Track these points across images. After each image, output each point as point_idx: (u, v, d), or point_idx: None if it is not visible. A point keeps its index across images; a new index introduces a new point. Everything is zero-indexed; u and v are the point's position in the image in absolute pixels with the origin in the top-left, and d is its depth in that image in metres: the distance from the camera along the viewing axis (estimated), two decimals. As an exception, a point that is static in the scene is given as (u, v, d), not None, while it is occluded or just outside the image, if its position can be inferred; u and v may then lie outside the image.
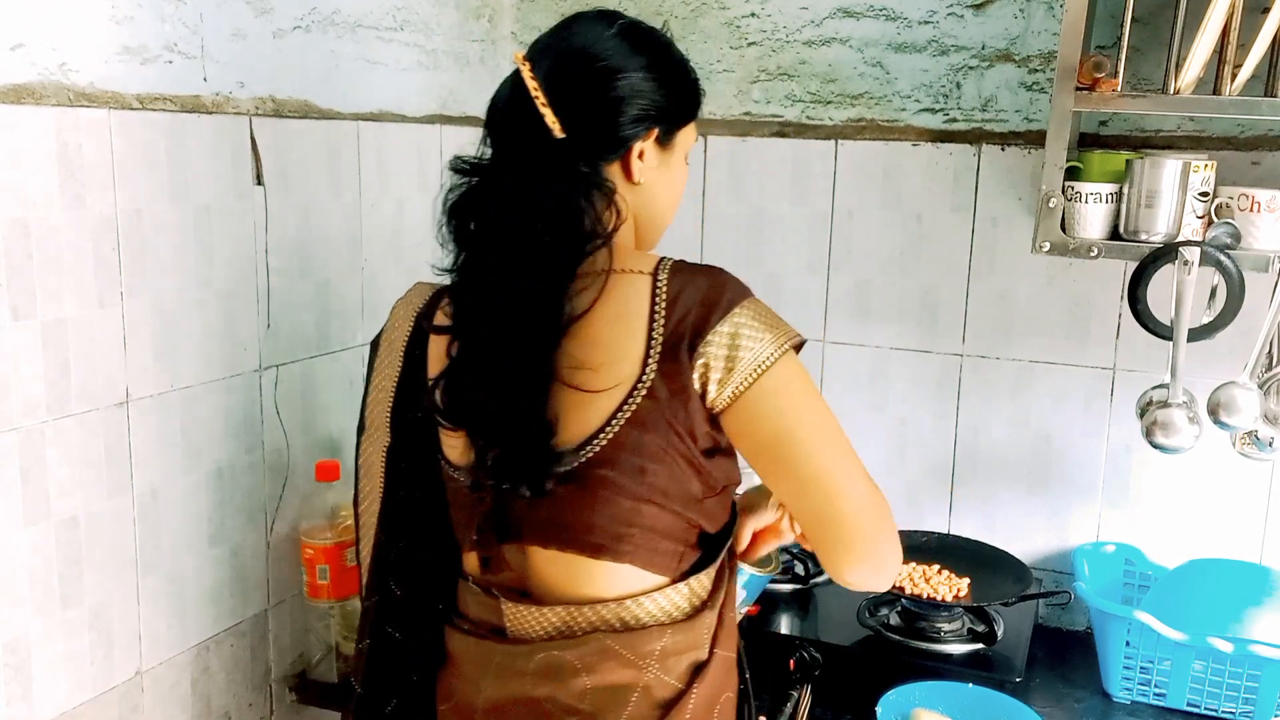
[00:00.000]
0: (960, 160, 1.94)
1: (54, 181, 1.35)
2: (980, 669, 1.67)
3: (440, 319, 1.26)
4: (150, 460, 1.53)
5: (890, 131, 1.98)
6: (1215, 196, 1.67)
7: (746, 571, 1.38)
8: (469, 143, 1.25)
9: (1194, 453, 1.66)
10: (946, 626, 1.76)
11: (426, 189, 2.01)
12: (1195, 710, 1.66)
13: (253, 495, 1.72)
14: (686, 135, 1.27)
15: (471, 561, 1.28)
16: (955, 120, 1.94)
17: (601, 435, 1.14)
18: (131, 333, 1.48)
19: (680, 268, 1.18)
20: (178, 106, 1.51)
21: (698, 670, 1.20)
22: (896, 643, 1.73)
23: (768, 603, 1.86)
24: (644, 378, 1.13)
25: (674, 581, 1.21)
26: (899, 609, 1.81)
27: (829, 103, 2.02)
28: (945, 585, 1.79)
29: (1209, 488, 1.85)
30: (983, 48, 1.91)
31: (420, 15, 1.98)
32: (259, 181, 1.66)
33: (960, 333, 1.98)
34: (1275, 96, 1.54)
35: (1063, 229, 1.68)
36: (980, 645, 1.73)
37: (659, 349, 1.13)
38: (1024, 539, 1.98)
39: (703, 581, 1.22)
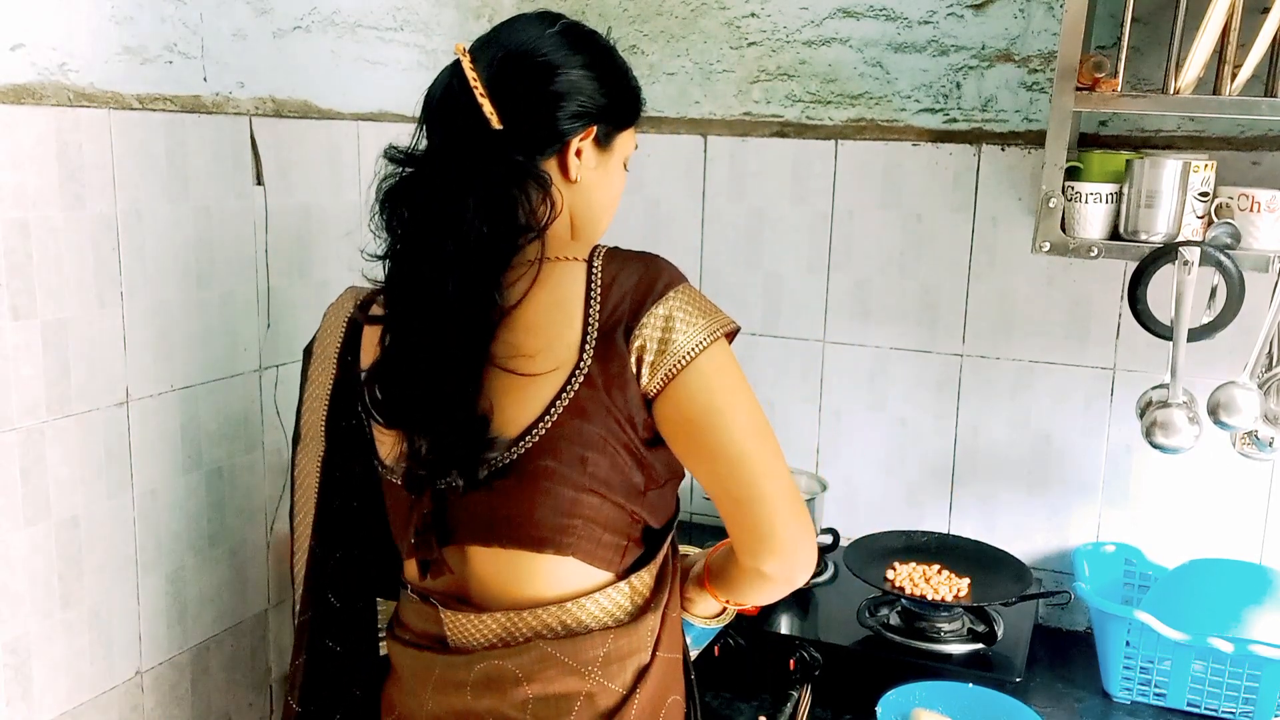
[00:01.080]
0: (960, 160, 1.94)
1: (54, 181, 1.35)
2: (980, 669, 1.67)
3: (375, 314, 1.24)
4: (150, 460, 1.53)
5: (890, 131, 1.98)
6: (1215, 196, 1.67)
7: (695, 623, 1.36)
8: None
9: (1194, 453, 1.66)
10: (946, 626, 1.75)
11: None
12: (1195, 710, 1.66)
13: (252, 495, 1.72)
14: (626, 141, 1.27)
15: (411, 569, 1.26)
16: (955, 120, 1.94)
17: (541, 424, 1.13)
18: (131, 333, 1.48)
19: (615, 254, 1.17)
20: (178, 106, 1.51)
21: (641, 674, 1.19)
22: (896, 643, 1.73)
23: (768, 603, 1.86)
24: (581, 364, 1.13)
25: (617, 579, 1.20)
26: (899, 609, 1.80)
27: (829, 103, 2.02)
28: (945, 585, 1.79)
29: (1209, 488, 1.85)
30: (983, 48, 1.91)
31: (420, 15, 1.98)
32: (259, 181, 1.66)
33: (960, 333, 1.98)
34: (1275, 96, 1.54)
35: (1063, 229, 1.67)
36: (980, 645, 1.73)
37: (595, 335, 1.13)
38: (1024, 539, 1.98)
39: (644, 579, 1.21)
